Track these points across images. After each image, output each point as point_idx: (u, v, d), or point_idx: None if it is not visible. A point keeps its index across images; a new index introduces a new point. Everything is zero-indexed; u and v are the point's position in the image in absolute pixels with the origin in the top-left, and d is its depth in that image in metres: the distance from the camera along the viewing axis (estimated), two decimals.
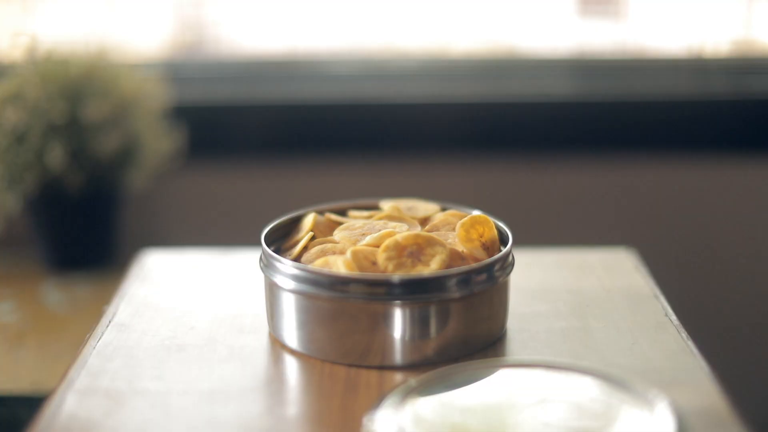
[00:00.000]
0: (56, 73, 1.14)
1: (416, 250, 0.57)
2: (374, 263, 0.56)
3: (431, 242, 0.57)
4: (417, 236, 0.57)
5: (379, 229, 0.61)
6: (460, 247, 0.59)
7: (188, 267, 0.74)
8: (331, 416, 0.51)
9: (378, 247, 0.58)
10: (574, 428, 0.47)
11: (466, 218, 0.60)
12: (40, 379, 0.97)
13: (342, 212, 0.66)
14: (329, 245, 0.60)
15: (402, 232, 0.59)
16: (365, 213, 0.66)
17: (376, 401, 0.50)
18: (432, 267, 0.55)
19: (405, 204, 0.67)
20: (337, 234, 0.61)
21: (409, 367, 0.56)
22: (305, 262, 0.59)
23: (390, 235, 0.58)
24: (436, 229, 0.63)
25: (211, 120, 1.35)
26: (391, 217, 0.64)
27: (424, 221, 0.65)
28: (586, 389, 0.50)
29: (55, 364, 1.00)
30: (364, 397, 0.53)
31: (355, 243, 0.59)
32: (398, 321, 0.55)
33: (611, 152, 1.33)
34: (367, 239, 0.59)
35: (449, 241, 0.60)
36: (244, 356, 0.58)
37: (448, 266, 0.56)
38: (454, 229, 0.61)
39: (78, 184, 1.16)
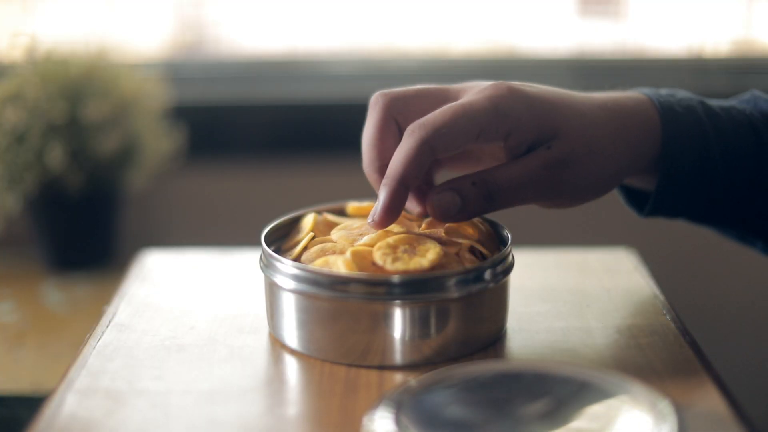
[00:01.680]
0: (56, 73, 1.14)
1: (409, 248, 0.57)
2: (374, 263, 0.56)
3: (422, 240, 0.57)
4: (408, 237, 0.57)
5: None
6: (454, 251, 0.59)
7: (188, 267, 0.74)
8: (331, 416, 0.51)
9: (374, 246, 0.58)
10: (573, 428, 0.47)
11: (447, 225, 0.60)
12: (40, 379, 0.97)
13: (342, 212, 0.66)
14: (329, 245, 0.60)
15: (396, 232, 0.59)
16: (365, 204, 0.66)
17: (376, 401, 0.50)
18: (429, 257, 0.55)
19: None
20: (335, 234, 0.61)
21: (409, 367, 0.56)
22: (304, 262, 0.59)
23: (387, 234, 0.58)
24: (432, 227, 0.62)
25: (211, 120, 1.35)
26: None
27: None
28: (586, 390, 0.50)
29: (55, 364, 1.00)
30: (364, 397, 0.53)
31: (352, 242, 0.59)
32: (398, 321, 0.55)
33: None
34: (365, 239, 0.59)
35: (443, 242, 0.59)
36: (244, 356, 0.58)
37: (444, 262, 0.56)
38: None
39: (78, 184, 1.16)
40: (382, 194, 0.56)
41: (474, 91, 0.57)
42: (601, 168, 0.59)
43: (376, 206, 0.56)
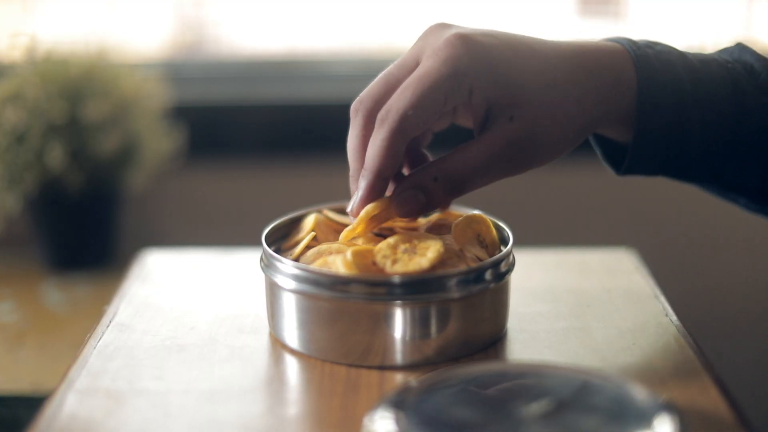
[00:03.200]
0: (56, 73, 1.14)
1: (410, 248, 0.57)
2: (374, 263, 0.56)
3: (422, 238, 0.57)
4: (408, 236, 0.58)
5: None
6: (457, 247, 0.59)
7: (188, 267, 0.74)
8: (331, 416, 0.51)
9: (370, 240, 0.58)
10: (573, 428, 0.47)
11: (460, 219, 0.60)
12: (40, 379, 0.97)
13: (342, 212, 0.66)
14: (328, 245, 0.60)
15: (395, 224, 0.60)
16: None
17: (376, 401, 0.50)
18: (429, 257, 0.55)
19: None
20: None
21: (410, 367, 0.56)
22: (303, 262, 0.59)
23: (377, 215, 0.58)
24: (433, 230, 0.63)
25: (211, 120, 1.35)
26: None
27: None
28: (586, 390, 0.50)
29: (55, 364, 1.00)
30: (365, 397, 0.53)
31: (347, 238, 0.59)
32: (398, 321, 0.55)
33: None
34: (350, 226, 0.59)
35: (447, 242, 0.59)
36: (245, 356, 0.58)
37: (445, 258, 0.56)
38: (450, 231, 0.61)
39: (78, 184, 1.16)
40: (361, 186, 0.56)
41: (429, 51, 0.56)
42: (566, 131, 0.57)
43: (355, 198, 0.57)
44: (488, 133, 0.56)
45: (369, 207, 0.57)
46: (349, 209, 0.58)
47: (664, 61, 0.59)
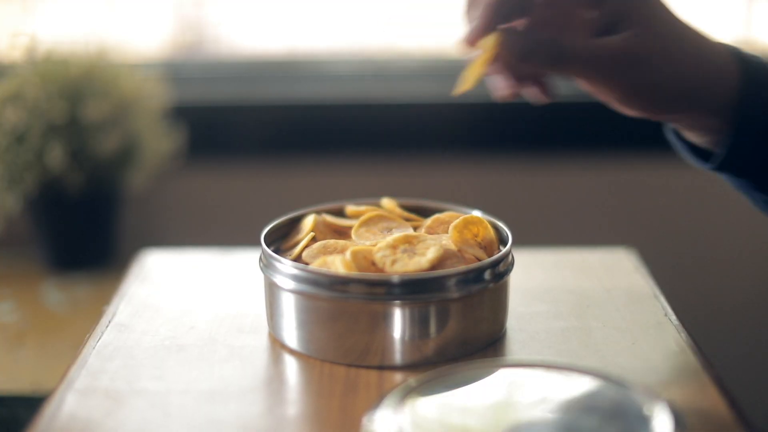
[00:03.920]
0: (56, 73, 1.14)
1: (410, 248, 0.57)
2: (374, 263, 0.56)
3: (421, 239, 0.58)
4: (407, 236, 0.58)
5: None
6: (456, 248, 0.59)
7: (188, 267, 0.74)
8: (330, 416, 0.51)
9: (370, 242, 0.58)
10: (573, 428, 0.47)
11: (458, 220, 0.60)
12: (40, 379, 0.97)
13: (341, 213, 0.66)
14: (334, 241, 0.60)
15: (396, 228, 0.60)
16: (362, 207, 0.66)
17: (375, 401, 0.50)
18: (429, 257, 0.55)
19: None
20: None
21: (409, 367, 0.56)
22: (308, 255, 0.59)
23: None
24: (432, 230, 0.63)
25: (211, 120, 1.35)
26: (381, 217, 0.63)
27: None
28: (586, 389, 0.50)
29: (55, 364, 1.00)
30: (364, 397, 0.53)
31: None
32: (398, 321, 0.55)
33: (611, 152, 1.32)
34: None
35: (444, 242, 0.60)
36: (244, 356, 0.58)
37: (444, 258, 0.56)
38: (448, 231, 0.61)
39: (78, 184, 1.16)
40: (477, 16, 0.57)
41: None
42: (671, 79, 0.58)
43: (473, 25, 0.57)
44: (612, 37, 0.57)
45: (488, 40, 0.57)
46: (465, 37, 0.58)
47: (758, 62, 0.60)
